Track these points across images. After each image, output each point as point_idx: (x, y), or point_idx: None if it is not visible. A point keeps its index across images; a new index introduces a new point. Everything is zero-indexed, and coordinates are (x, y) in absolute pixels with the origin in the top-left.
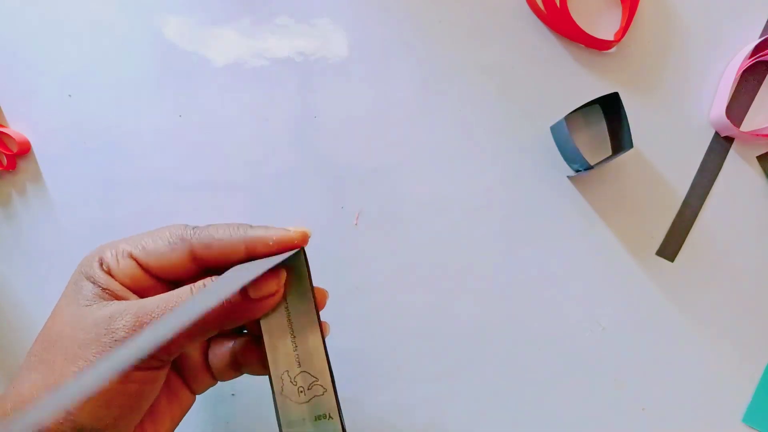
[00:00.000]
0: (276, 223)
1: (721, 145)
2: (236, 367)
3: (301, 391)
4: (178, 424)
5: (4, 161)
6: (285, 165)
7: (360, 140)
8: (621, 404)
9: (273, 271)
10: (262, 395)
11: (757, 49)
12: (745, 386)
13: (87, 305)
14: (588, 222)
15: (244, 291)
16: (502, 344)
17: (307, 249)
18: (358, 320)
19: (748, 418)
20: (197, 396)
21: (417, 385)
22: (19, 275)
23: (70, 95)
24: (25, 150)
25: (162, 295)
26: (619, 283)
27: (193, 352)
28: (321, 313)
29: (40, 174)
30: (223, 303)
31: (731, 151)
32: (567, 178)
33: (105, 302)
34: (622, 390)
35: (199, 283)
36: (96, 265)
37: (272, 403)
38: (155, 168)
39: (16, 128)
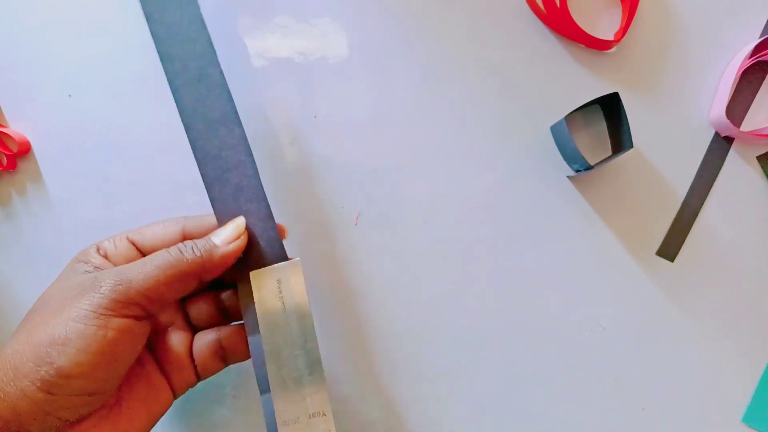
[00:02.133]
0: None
1: (721, 145)
2: (222, 356)
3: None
4: (155, 423)
5: (4, 161)
6: (285, 165)
7: (360, 140)
8: (621, 404)
9: (233, 220)
10: None
11: (757, 49)
12: (745, 386)
13: (75, 275)
14: (588, 222)
15: (212, 242)
16: (501, 344)
17: (307, 250)
18: (358, 320)
19: (748, 418)
20: (198, 399)
21: (417, 385)
22: (19, 275)
23: (70, 95)
24: (25, 150)
25: (141, 259)
26: (619, 283)
27: (178, 344)
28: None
29: (40, 174)
30: (196, 255)
31: (731, 151)
32: (567, 178)
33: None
34: (622, 390)
35: (174, 246)
36: (92, 250)
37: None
38: (155, 167)
39: (16, 128)
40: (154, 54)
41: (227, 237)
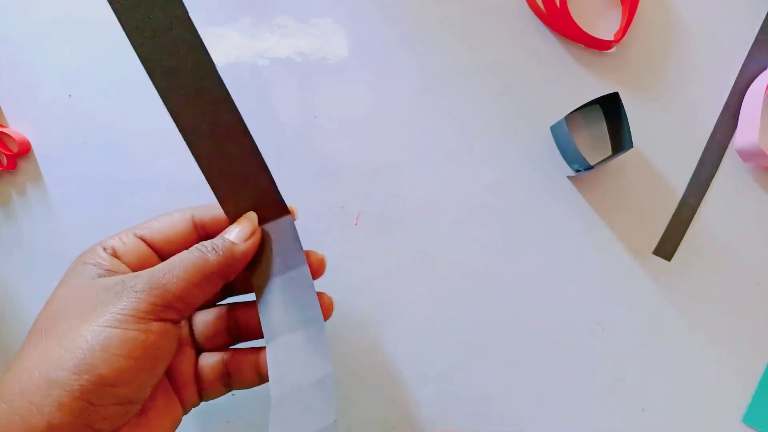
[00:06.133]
0: None
1: (719, 144)
2: (226, 382)
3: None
4: None
5: (4, 161)
6: (285, 165)
7: (360, 140)
8: (621, 404)
9: (244, 215)
10: (263, 395)
11: None
12: (745, 386)
13: (92, 279)
14: (588, 222)
15: (229, 240)
16: (501, 345)
17: (307, 249)
18: (359, 320)
19: (748, 418)
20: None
21: (417, 386)
22: (19, 275)
23: (70, 95)
24: (25, 150)
25: (166, 261)
26: (618, 283)
27: (186, 361)
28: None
29: (40, 174)
30: (220, 254)
31: (728, 151)
32: (567, 178)
33: (111, 276)
34: (622, 390)
35: (193, 247)
36: (99, 251)
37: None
38: (155, 168)
39: (16, 128)
40: None
41: (243, 234)
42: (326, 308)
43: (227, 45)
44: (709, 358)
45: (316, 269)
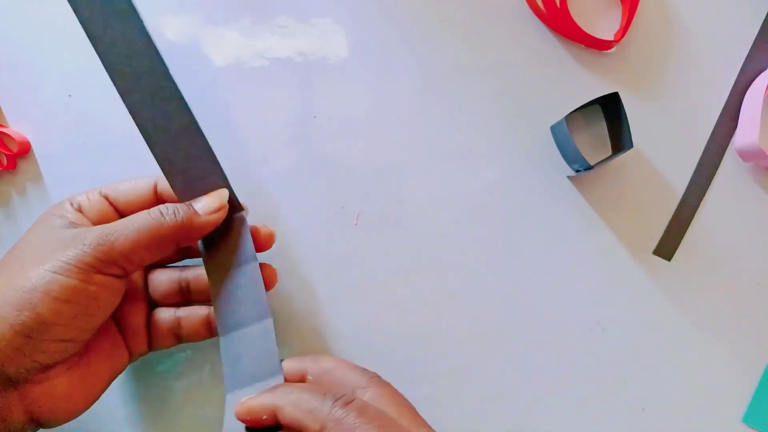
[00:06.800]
0: (275, 222)
1: (719, 144)
2: (177, 334)
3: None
4: (113, 380)
5: (4, 161)
6: (285, 165)
7: (360, 140)
8: (621, 404)
9: (216, 191)
10: None
11: None
12: (745, 386)
13: (53, 229)
14: (588, 222)
15: (193, 209)
16: (501, 344)
17: (307, 249)
18: (358, 320)
19: (748, 418)
20: (197, 400)
21: (417, 385)
22: None
23: (70, 95)
24: (25, 150)
25: (122, 219)
26: (618, 283)
27: (137, 312)
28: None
29: (40, 174)
30: (177, 220)
31: (728, 151)
32: (567, 178)
33: (72, 228)
34: (622, 390)
35: (155, 208)
36: (67, 204)
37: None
38: (155, 168)
39: (16, 128)
40: None
41: (209, 207)
42: (268, 280)
43: (227, 45)
44: (709, 358)
45: (264, 242)
